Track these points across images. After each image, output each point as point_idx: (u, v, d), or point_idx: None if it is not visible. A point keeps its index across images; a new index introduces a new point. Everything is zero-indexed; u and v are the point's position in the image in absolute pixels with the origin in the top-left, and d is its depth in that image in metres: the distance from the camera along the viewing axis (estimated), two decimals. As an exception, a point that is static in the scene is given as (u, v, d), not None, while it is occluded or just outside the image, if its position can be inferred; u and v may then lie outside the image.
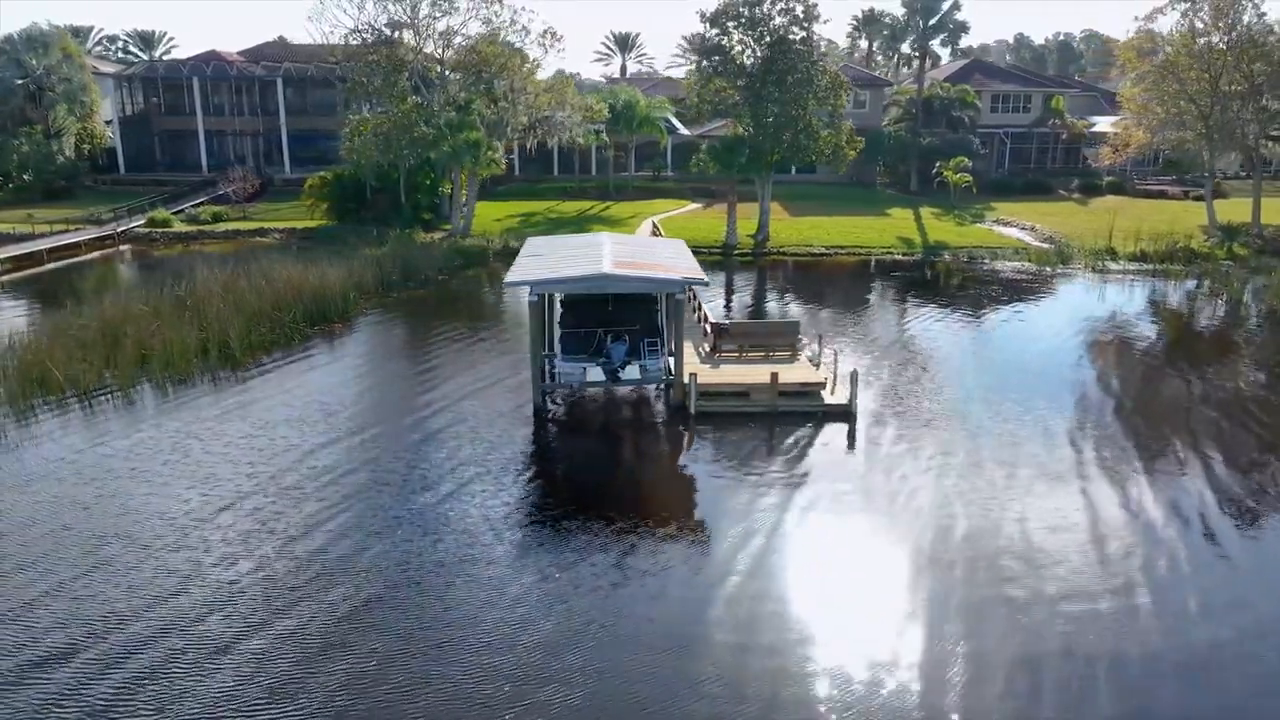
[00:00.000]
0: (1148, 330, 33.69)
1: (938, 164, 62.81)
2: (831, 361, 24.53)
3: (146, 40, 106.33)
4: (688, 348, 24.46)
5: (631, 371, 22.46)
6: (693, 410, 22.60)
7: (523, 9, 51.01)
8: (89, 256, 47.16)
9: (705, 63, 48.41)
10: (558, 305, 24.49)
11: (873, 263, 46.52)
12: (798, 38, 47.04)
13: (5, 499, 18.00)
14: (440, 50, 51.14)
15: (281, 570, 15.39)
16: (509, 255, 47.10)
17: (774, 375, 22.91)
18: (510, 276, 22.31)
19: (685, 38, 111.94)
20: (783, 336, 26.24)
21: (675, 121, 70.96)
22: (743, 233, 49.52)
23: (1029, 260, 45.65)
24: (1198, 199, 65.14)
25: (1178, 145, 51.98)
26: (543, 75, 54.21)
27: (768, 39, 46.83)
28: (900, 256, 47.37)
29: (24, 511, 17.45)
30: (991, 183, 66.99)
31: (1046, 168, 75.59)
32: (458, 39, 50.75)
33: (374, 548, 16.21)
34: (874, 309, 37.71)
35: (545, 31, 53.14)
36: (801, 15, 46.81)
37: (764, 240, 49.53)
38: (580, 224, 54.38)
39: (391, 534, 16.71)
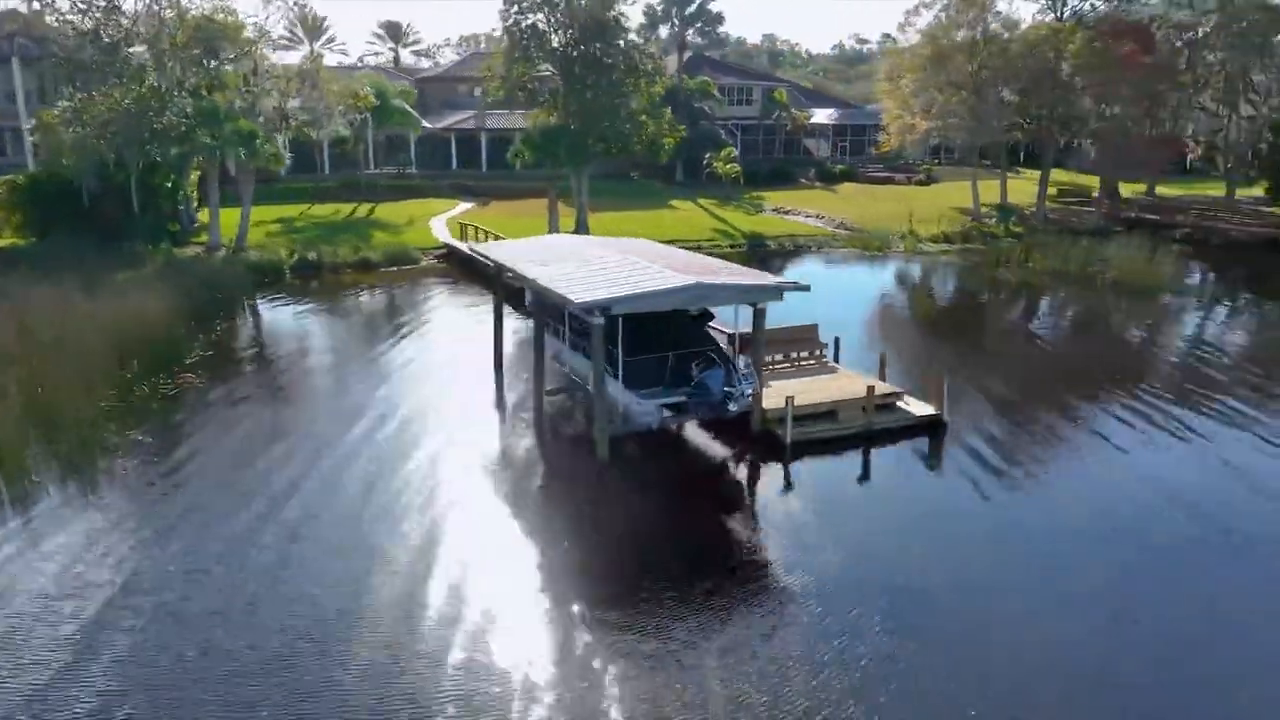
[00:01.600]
0: (1013, 299, 35.06)
1: (707, 155, 62.51)
2: (877, 365, 21.83)
3: None
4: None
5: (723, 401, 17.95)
6: (787, 440, 18.72)
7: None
8: None
9: (511, 45, 43.38)
10: (582, 326, 19.43)
11: (710, 255, 44.38)
12: (609, 16, 43.58)
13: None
14: (171, 25, 40.86)
15: None
16: (309, 270, 39.10)
17: (870, 389, 19.69)
18: (576, 296, 16.78)
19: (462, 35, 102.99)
20: (805, 341, 23.02)
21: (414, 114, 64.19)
22: (541, 231, 44.83)
23: (853, 246, 46.25)
24: (919, 184, 71.49)
25: (942, 132, 55.40)
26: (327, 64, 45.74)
27: (577, 21, 42.81)
28: (730, 248, 45.78)
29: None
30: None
31: (774, 158, 78.62)
32: (188, 10, 40.89)
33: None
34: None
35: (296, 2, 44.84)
36: (607, -7, 43.38)
37: (585, 238, 45.56)
38: (359, 229, 46.83)
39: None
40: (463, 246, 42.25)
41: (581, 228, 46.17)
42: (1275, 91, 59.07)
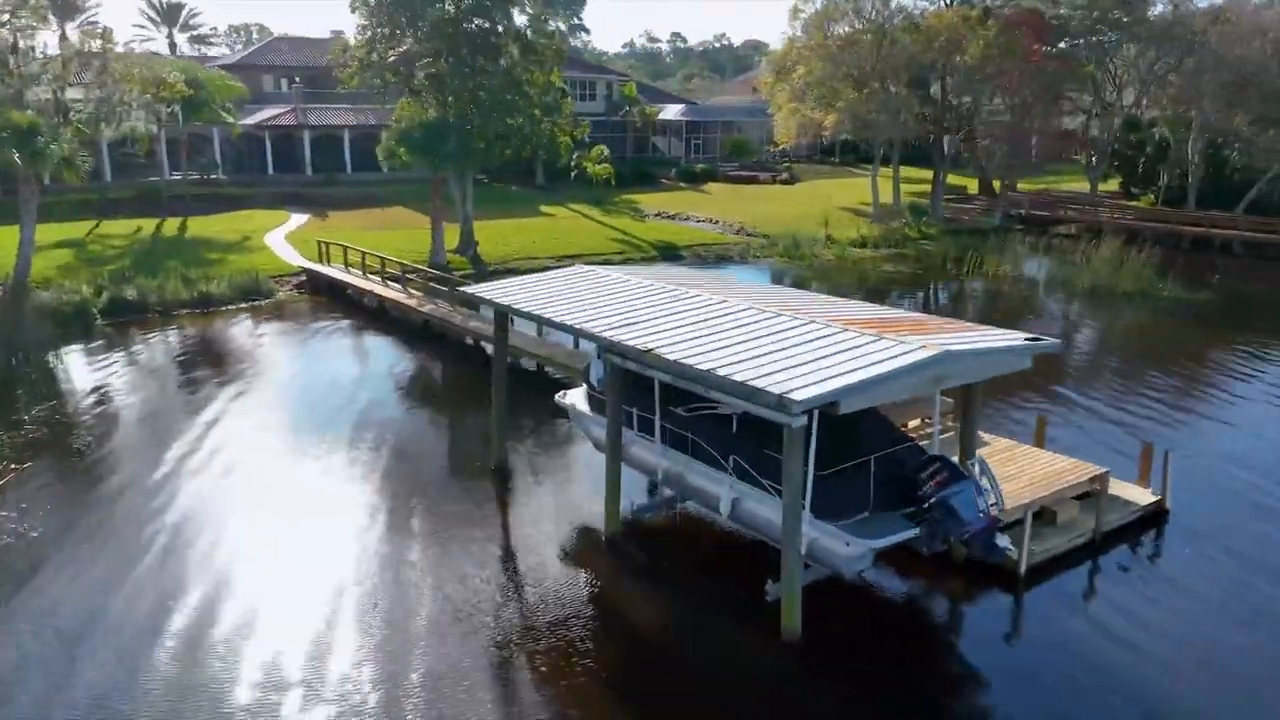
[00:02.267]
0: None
1: (576, 155, 55.71)
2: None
3: None
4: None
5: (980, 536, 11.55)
6: (1022, 567, 12.80)
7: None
8: None
9: (375, 21, 34.99)
10: (696, 411, 12.65)
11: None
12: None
13: None
14: None
15: None
16: (128, 313, 28.86)
17: (1100, 477, 14.06)
18: (779, 386, 9.92)
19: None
20: (919, 401, 17.03)
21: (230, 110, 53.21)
22: (419, 248, 36.70)
23: (774, 254, 41.26)
24: (783, 183, 68.03)
25: (863, 126, 51.19)
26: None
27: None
28: (643, 263, 39.42)
29: None
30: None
31: (626, 157, 72.85)
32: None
33: None
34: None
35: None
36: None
37: (474, 254, 37.80)
38: (180, 253, 36.62)
39: None
40: (331, 271, 33.45)
41: (467, 240, 38.33)
42: (1126, 90, 59.89)
